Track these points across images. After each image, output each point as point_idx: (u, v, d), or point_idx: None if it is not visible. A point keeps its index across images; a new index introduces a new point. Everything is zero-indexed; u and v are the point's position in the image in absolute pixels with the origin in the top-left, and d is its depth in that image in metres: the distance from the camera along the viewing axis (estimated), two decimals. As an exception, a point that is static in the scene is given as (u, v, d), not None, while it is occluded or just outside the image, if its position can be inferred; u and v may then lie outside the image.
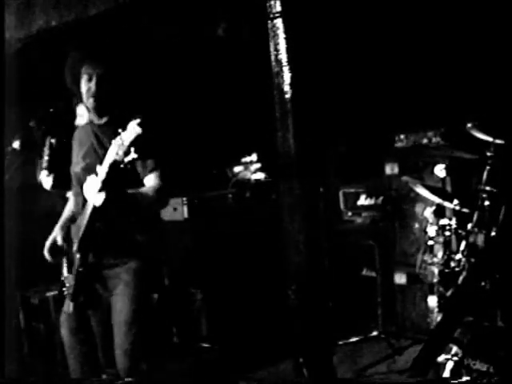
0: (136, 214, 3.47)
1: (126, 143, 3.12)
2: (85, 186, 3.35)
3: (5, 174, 3.35)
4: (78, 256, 3.46)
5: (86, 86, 3.49)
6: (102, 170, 3.22)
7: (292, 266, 3.92)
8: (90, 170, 3.44)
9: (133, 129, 3.12)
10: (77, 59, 3.55)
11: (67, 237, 3.64)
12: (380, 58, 5.07)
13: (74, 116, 4.27)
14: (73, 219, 3.65)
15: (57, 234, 3.72)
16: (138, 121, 3.12)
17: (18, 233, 4.58)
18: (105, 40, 3.99)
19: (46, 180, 4.27)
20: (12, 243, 4.12)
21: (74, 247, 3.48)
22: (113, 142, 3.18)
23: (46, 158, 4.27)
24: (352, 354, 4.71)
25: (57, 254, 3.67)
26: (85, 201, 3.42)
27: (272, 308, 4.77)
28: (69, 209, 3.83)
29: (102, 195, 3.25)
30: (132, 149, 3.12)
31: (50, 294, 4.73)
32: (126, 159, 3.14)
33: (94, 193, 3.28)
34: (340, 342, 4.78)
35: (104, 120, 3.56)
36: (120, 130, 3.15)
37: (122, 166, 3.17)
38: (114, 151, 3.16)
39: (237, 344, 4.76)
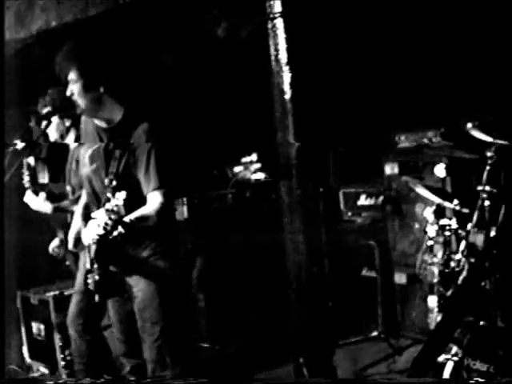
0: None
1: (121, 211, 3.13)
2: (83, 232, 3.39)
3: (5, 174, 3.34)
4: (95, 266, 3.45)
5: (68, 90, 3.44)
6: (101, 218, 3.18)
7: (292, 266, 3.91)
8: (98, 172, 3.49)
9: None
10: (58, 62, 3.45)
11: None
12: (380, 57, 5.07)
13: None
14: (86, 218, 3.60)
15: (81, 226, 3.68)
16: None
17: (18, 232, 4.58)
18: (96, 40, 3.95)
19: (40, 202, 4.26)
20: (12, 243, 4.11)
21: (91, 254, 3.46)
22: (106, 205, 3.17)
23: (26, 178, 4.28)
24: (352, 354, 4.71)
25: (81, 245, 3.64)
26: (98, 200, 3.44)
27: (272, 308, 4.77)
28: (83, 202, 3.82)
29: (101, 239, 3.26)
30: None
31: (49, 294, 4.72)
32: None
33: (92, 239, 3.28)
34: (340, 342, 4.78)
35: (104, 123, 3.52)
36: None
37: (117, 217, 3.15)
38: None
39: (237, 344, 4.76)
